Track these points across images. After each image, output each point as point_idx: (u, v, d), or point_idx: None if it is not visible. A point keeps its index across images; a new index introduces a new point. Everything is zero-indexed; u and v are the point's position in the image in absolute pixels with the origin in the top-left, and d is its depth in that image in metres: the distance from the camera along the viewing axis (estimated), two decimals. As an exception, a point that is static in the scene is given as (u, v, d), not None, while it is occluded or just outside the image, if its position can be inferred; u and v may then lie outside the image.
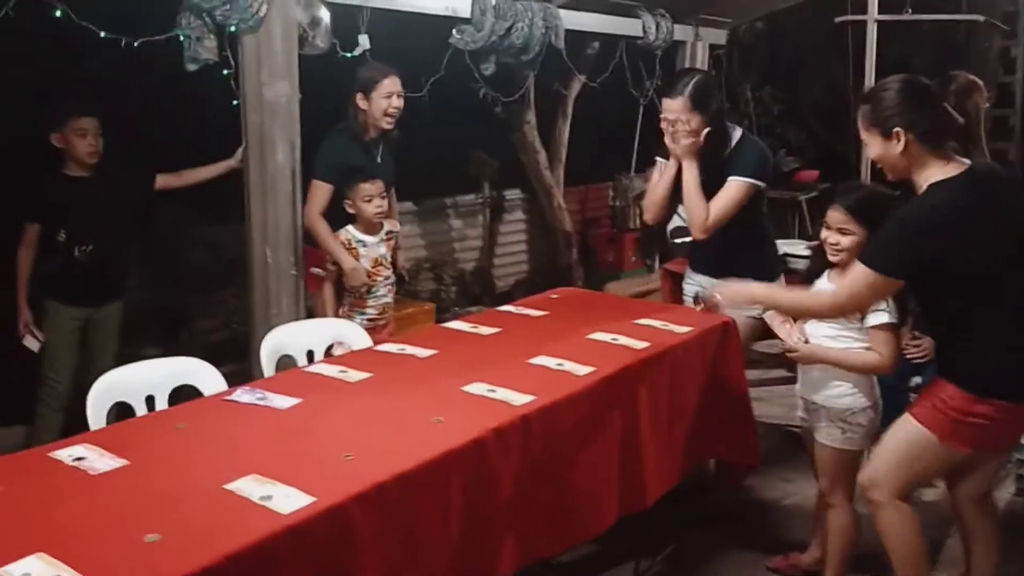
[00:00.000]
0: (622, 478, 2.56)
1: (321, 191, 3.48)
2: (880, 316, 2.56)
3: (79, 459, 1.92)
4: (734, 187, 3.19)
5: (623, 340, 2.82)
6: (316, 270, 3.66)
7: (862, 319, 2.59)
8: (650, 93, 5.79)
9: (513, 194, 6.68)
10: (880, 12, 5.59)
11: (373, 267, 3.54)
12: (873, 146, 2.44)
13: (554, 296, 3.57)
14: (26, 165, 3.64)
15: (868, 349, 2.61)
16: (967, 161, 2.39)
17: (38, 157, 3.60)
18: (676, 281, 3.90)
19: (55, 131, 3.48)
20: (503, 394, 2.33)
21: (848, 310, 2.55)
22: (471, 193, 6.37)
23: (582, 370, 2.53)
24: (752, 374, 3.70)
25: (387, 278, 3.59)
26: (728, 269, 3.11)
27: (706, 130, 3.15)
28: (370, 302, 3.52)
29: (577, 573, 2.97)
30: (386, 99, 3.51)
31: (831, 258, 2.67)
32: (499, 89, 4.82)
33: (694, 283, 3.47)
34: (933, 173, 2.35)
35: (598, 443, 2.48)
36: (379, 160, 3.65)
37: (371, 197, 3.48)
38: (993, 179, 2.47)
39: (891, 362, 2.59)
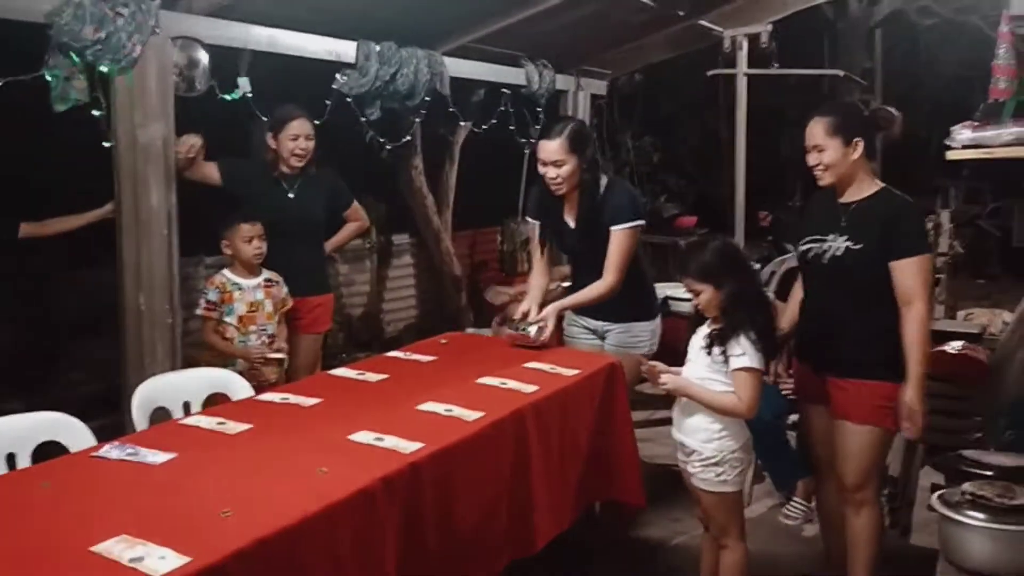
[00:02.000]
0: (511, 523, 2.54)
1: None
2: (741, 360, 2.62)
3: (-74, 526, 1.77)
4: (622, 236, 3.27)
5: (512, 384, 2.82)
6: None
7: (726, 361, 2.66)
8: (534, 140, 5.88)
9: (401, 239, 6.65)
10: (749, 66, 5.89)
11: (248, 311, 3.44)
12: (830, 151, 2.73)
13: (443, 341, 3.55)
14: None
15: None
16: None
17: None
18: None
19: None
20: (391, 442, 2.28)
21: (928, 302, 2.72)
22: (358, 238, 6.29)
23: (471, 415, 2.51)
24: (639, 415, 3.76)
25: (263, 328, 3.48)
26: (610, 308, 3.17)
27: (581, 172, 3.23)
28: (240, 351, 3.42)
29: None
30: (292, 140, 3.61)
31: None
32: (385, 134, 4.81)
33: (577, 324, 3.52)
34: (871, 183, 2.77)
35: (488, 489, 2.45)
36: (289, 197, 3.68)
37: (251, 238, 3.42)
38: None
39: (748, 406, 2.62)
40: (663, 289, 4.63)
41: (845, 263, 2.73)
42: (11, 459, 2.38)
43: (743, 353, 2.62)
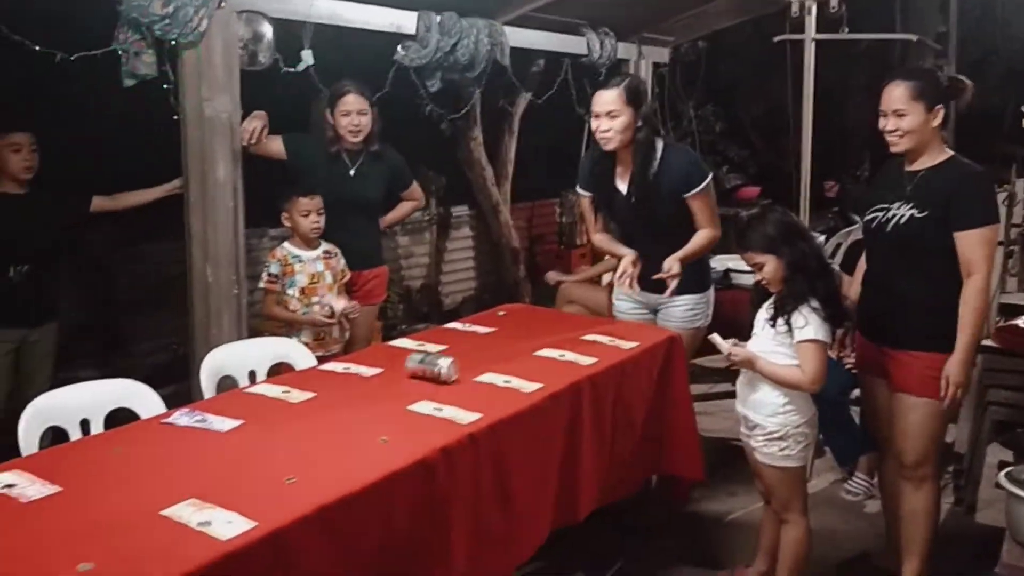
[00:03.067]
0: (559, 493, 2.56)
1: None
2: (805, 331, 2.59)
3: (9, 486, 1.85)
4: (703, 196, 3.25)
5: (570, 356, 2.83)
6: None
7: (790, 333, 2.63)
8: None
9: (460, 211, 6.67)
10: (818, 32, 5.73)
11: (309, 283, 3.50)
12: (911, 116, 2.66)
13: (501, 313, 3.57)
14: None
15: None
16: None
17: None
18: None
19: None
20: (450, 412, 2.31)
21: (989, 273, 2.66)
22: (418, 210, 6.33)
23: (529, 387, 2.52)
24: (697, 388, 3.73)
25: (324, 299, 3.53)
26: (664, 280, 3.13)
27: (638, 124, 3.17)
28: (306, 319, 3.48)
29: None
30: (344, 116, 3.63)
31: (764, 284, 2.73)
32: (445, 106, 4.81)
33: (628, 299, 3.46)
34: (941, 151, 2.70)
35: (540, 459, 2.47)
36: (350, 174, 3.70)
37: (308, 212, 3.47)
38: None
39: (813, 378, 2.60)
40: (724, 261, 4.58)
41: (909, 232, 2.67)
42: (85, 425, 2.47)
43: (806, 324, 2.58)
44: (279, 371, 3.04)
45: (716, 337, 2.76)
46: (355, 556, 1.87)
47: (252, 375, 2.98)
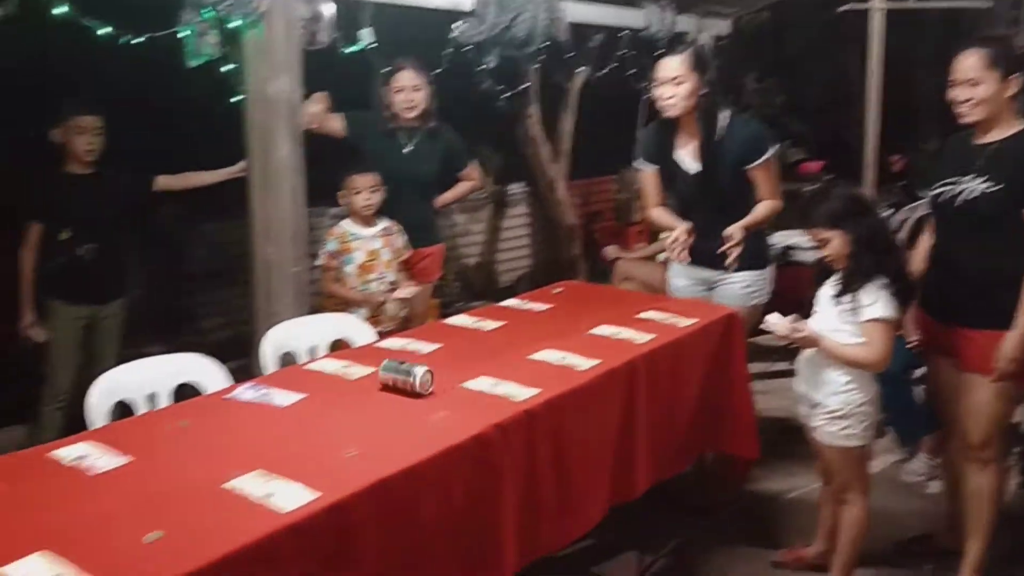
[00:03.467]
0: (616, 469, 2.56)
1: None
2: (872, 309, 2.54)
3: (80, 458, 1.92)
4: (766, 167, 3.21)
5: (626, 333, 2.82)
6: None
7: (856, 312, 2.57)
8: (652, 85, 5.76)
9: (516, 188, 6.67)
10: (885, 0, 5.56)
11: (367, 260, 3.54)
12: (985, 85, 2.57)
13: (557, 290, 3.56)
14: (27, 164, 3.64)
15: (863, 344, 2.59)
16: None
17: (39, 156, 3.59)
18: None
19: (55, 128, 3.48)
20: (506, 388, 2.32)
21: None
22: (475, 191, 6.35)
23: (585, 364, 2.52)
24: (755, 367, 3.68)
25: (382, 276, 3.58)
26: (723, 257, 3.08)
27: (703, 91, 3.13)
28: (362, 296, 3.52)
29: (580, 565, 2.96)
30: (399, 93, 3.64)
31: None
32: (502, 82, 4.80)
33: (683, 276, 3.43)
34: (1014, 122, 2.60)
35: (597, 436, 2.47)
36: (406, 152, 3.72)
37: (361, 189, 3.51)
38: None
39: (880, 358, 2.55)
40: (785, 237, 4.50)
41: (979, 206, 2.58)
42: (152, 399, 2.55)
43: (874, 302, 2.53)
44: (339, 347, 3.09)
45: (773, 319, 2.70)
46: (413, 529, 1.90)
47: (313, 351, 3.03)
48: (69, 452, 1.94)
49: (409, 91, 3.68)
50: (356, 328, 3.18)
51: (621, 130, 6.46)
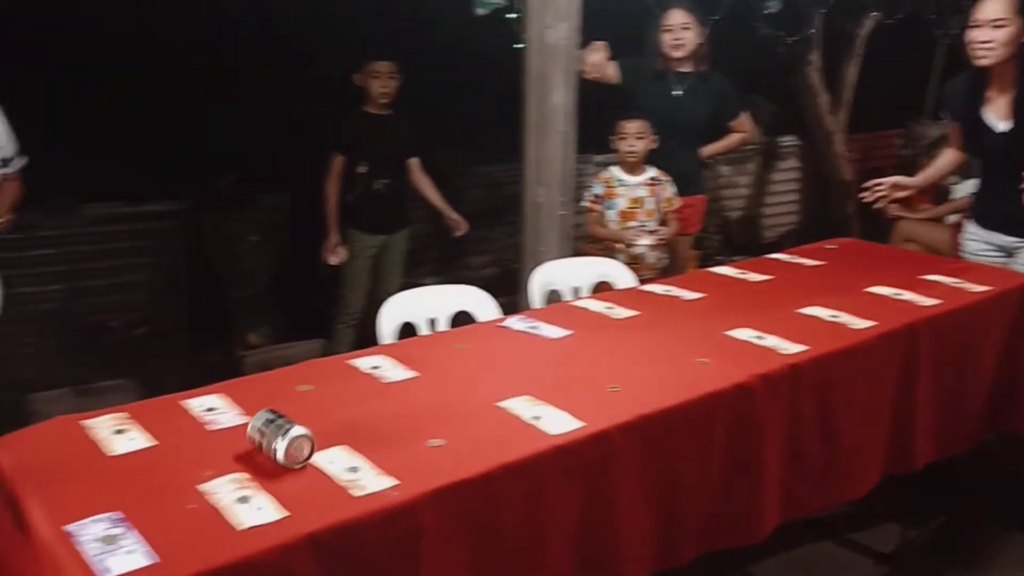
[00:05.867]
0: (891, 438, 2.42)
1: None
2: None
3: (375, 368, 2.13)
4: None
5: (907, 295, 2.65)
6: None
7: None
8: (953, 30, 5.25)
9: (788, 141, 6.38)
10: None
11: (629, 207, 3.56)
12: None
13: (831, 246, 3.40)
14: (333, 103, 4.01)
15: None
16: None
17: (343, 96, 3.95)
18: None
19: (357, 72, 3.80)
20: (772, 341, 2.28)
21: None
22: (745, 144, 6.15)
23: (859, 323, 2.41)
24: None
25: (643, 225, 3.59)
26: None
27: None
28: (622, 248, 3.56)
29: (837, 529, 2.87)
30: (668, 32, 3.61)
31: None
32: (783, 29, 4.59)
33: (979, 239, 3.17)
34: None
35: (870, 400, 2.35)
36: (674, 95, 3.70)
37: (625, 135, 3.52)
38: None
39: None
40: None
41: None
42: (432, 322, 2.76)
43: None
44: (600, 289, 3.17)
45: None
46: (673, 469, 1.93)
47: (576, 291, 3.13)
48: (366, 362, 2.16)
49: (677, 30, 3.63)
50: (618, 271, 3.24)
51: (911, 81, 5.98)
